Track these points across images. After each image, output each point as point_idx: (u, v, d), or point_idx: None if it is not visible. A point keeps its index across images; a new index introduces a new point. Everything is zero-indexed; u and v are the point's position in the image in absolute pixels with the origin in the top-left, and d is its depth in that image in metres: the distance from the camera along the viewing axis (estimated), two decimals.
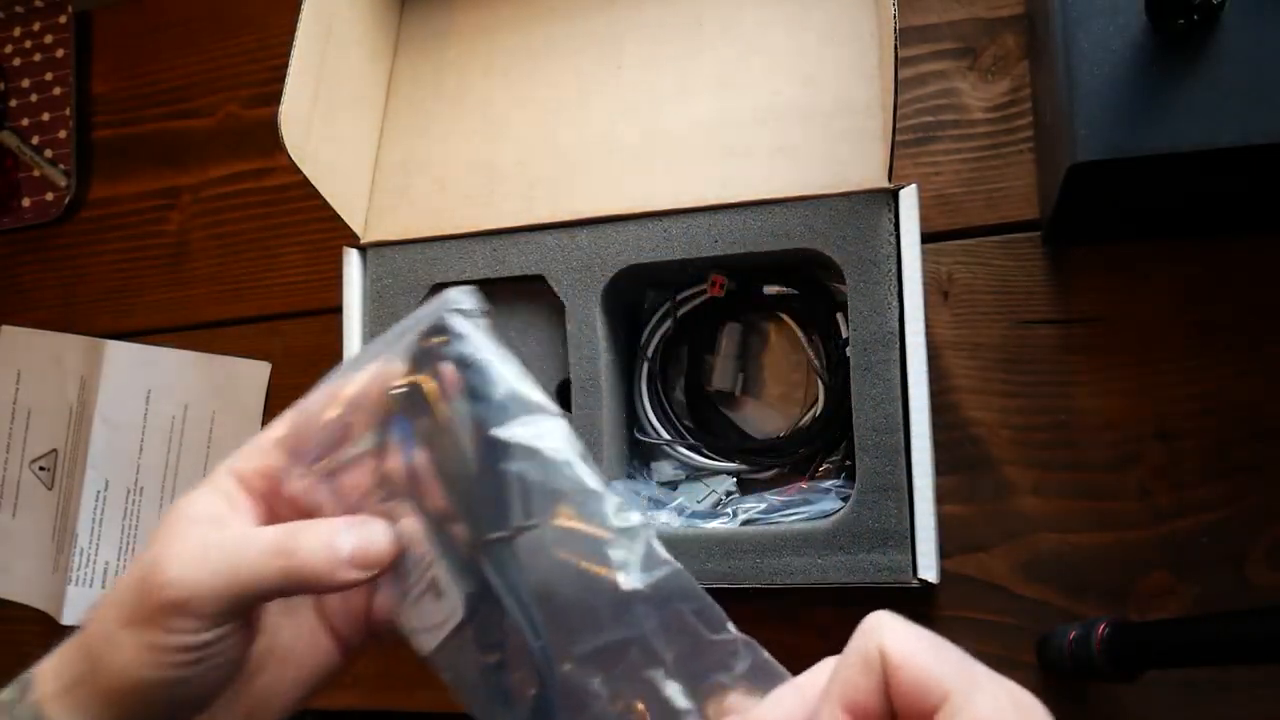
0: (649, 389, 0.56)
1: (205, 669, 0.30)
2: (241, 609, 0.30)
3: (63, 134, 0.77)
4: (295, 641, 0.35)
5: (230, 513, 0.32)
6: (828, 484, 0.51)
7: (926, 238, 0.53)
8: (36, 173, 0.77)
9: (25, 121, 0.78)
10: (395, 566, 0.32)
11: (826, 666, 0.25)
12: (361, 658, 0.37)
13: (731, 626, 0.29)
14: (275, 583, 0.30)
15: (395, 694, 0.62)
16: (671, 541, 0.50)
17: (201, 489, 0.32)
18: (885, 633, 0.24)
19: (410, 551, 0.32)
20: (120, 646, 0.30)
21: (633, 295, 0.57)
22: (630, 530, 0.29)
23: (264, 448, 0.33)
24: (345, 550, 0.31)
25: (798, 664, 0.53)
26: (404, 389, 0.31)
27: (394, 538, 0.32)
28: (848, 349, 0.48)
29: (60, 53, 0.78)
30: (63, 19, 0.79)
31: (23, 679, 0.32)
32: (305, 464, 0.33)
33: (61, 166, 0.76)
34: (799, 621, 0.55)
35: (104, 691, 0.30)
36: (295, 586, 0.30)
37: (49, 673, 0.31)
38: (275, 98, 0.49)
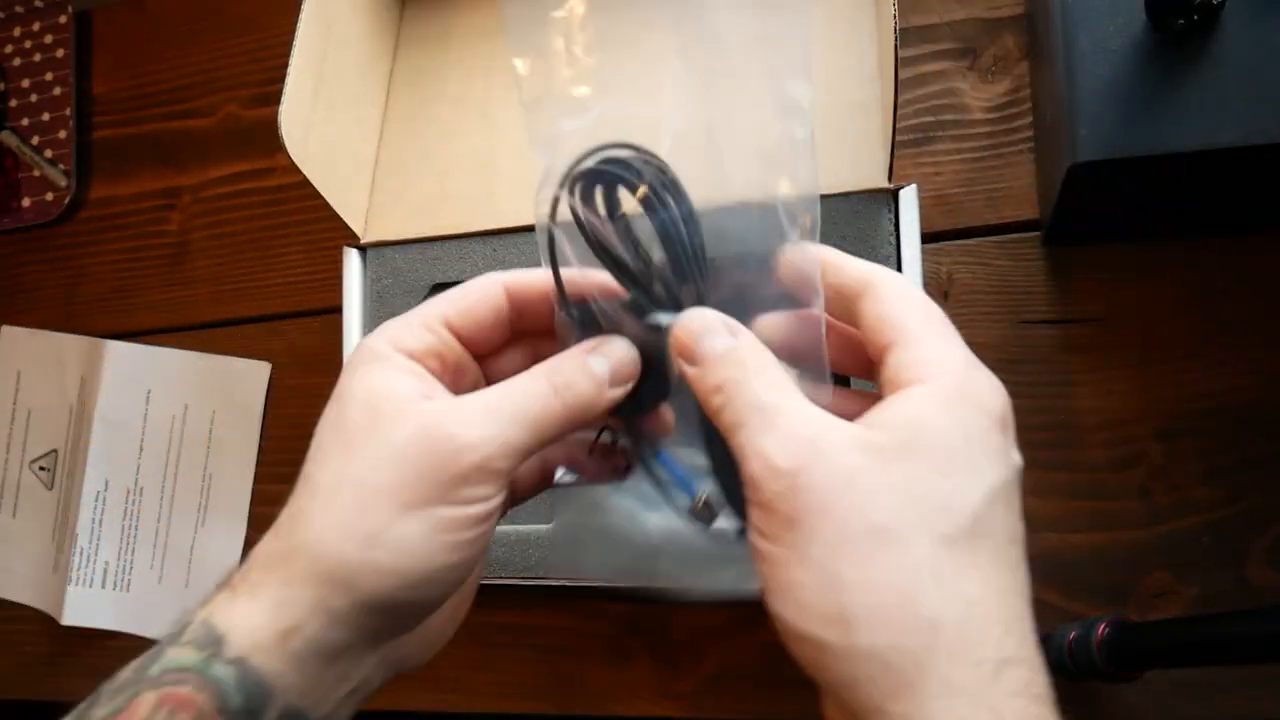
0: None
1: (483, 546, 0.28)
2: (524, 460, 0.28)
3: (63, 134, 0.77)
4: None
5: (431, 385, 0.29)
6: None
7: (926, 238, 0.53)
8: (36, 173, 0.77)
9: (25, 121, 0.78)
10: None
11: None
12: None
13: None
14: (559, 422, 0.28)
15: (395, 694, 0.62)
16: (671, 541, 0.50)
17: (383, 373, 0.29)
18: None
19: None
20: (397, 539, 0.26)
21: None
22: None
23: (431, 325, 0.30)
24: (602, 370, 0.29)
25: (798, 665, 0.53)
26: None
27: (633, 348, 0.30)
28: None
29: (60, 53, 0.78)
30: (63, 19, 0.79)
31: (202, 636, 0.27)
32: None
33: (61, 166, 0.76)
34: None
35: (357, 603, 0.27)
36: (575, 421, 0.29)
37: (245, 625, 0.27)
38: (275, 98, 0.49)
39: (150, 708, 0.26)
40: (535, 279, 0.32)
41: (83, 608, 0.68)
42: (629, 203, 0.31)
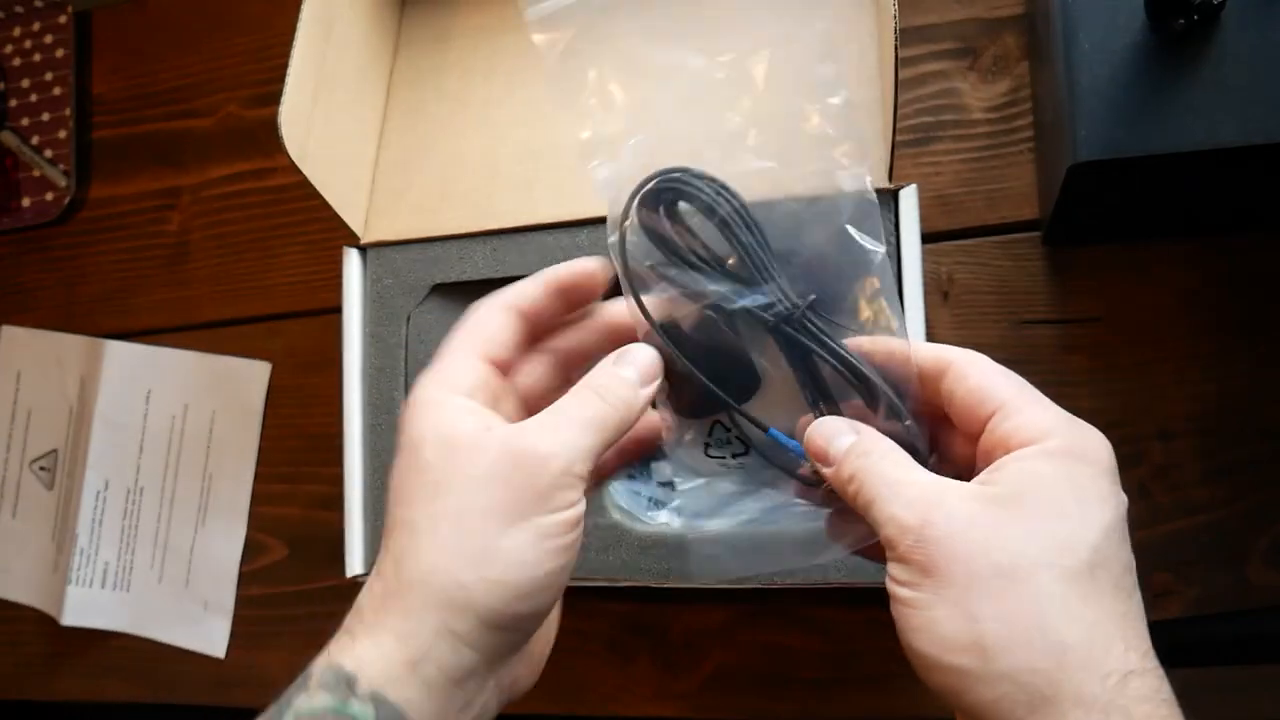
0: None
1: (576, 551, 0.31)
2: (595, 464, 0.31)
3: (63, 134, 0.77)
4: None
5: (489, 417, 0.32)
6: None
7: (926, 238, 0.53)
8: (36, 173, 0.77)
9: (25, 121, 0.78)
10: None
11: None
12: None
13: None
14: (615, 424, 0.31)
15: None
16: (672, 541, 0.50)
17: (451, 413, 0.31)
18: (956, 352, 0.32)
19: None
20: (507, 554, 0.29)
21: None
22: None
23: (471, 363, 0.33)
24: (632, 375, 0.32)
25: (798, 665, 0.54)
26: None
27: (655, 351, 0.33)
28: None
29: (60, 53, 0.78)
30: (63, 19, 0.79)
31: (332, 679, 0.29)
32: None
33: (61, 166, 0.76)
34: (799, 621, 0.55)
35: (477, 621, 0.29)
36: (626, 421, 0.32)
37: (372, 659, 0.29)
38: (275, 98, 0.49)
39: None
40: (532, 290, 0.34)
41: (83, 608, 0.68)
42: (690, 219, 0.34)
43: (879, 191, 0.48)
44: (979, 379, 0.31)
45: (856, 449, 0.31)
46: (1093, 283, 0.53)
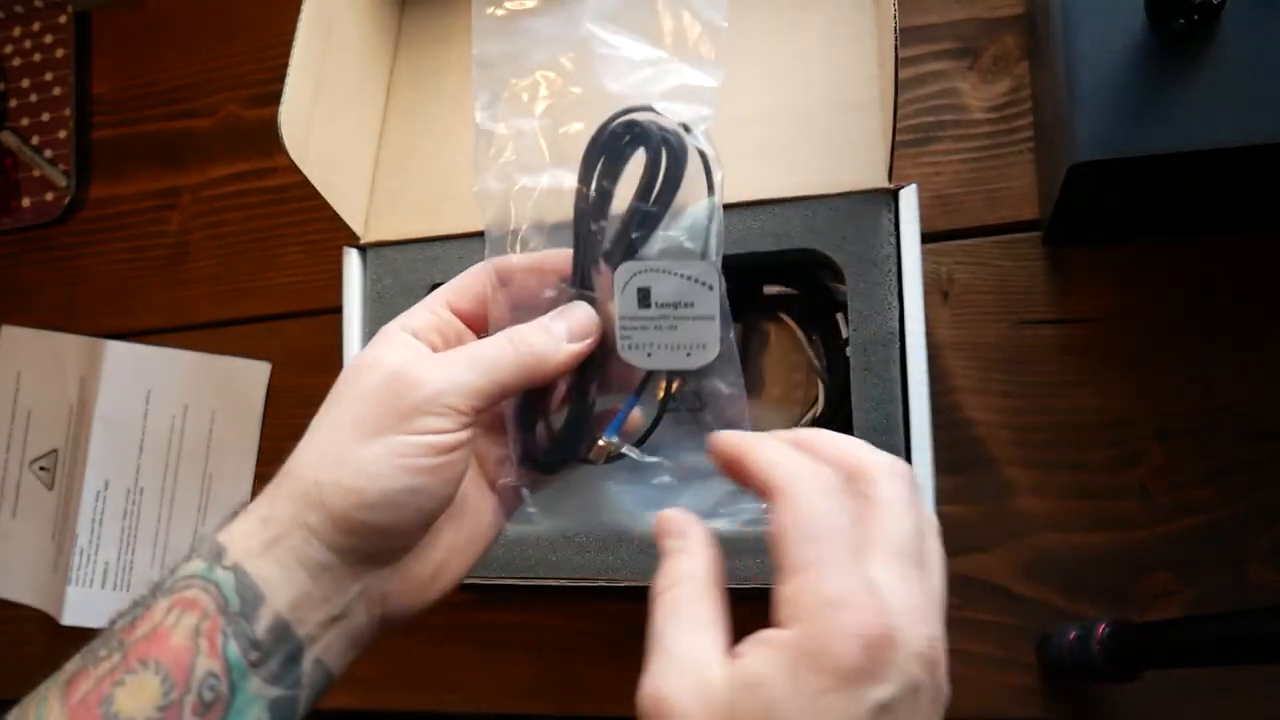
0: None
1: (443, 480, 0.32)
2: (487, 402, 0.32)
3: (63, 134, 0.77)
4: (469, 500, 0.36)
5: (419, 351, 0.34)
6: None
7: (926, 238, 0.53)
8: (36, 173, 0.77)
9: (25, 121, 0.78)
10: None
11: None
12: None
13: None
14: (513, 370, 0.33)
15: (395, 694, 0.62)
16: None
17: (384, 345, 0.33)
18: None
19: None
20: (359, 461, 0.31)
21: None
22: None
23: (432, 307, 0.35)
24: (560, 329, 0.34)
25: None
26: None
27: (592, 311, 0.34)
28: (848, 349, 0.48)
29: (60, 53, 0.78)
30: (63, 19, 0.79)
31: (207, 549, 0.32)
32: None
33: (61, 166, 0.76)
34: None
35: (327, 519, 0.31)
36: (531, 369, 0.33)
37: (239, 536, 0.32)
38: (275, 98, 0.49)
39: (164, 611, 0.31)
40: (518, 257, 0.36)
41: (83, 608, 0.68)
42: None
43: (879, 191, 0.48)
44: (780, 525, 0.28)
45: (669, 574, 0.31)
46: (1093, 283, 0.53)
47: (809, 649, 0.25)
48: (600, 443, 0.36)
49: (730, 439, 0.32)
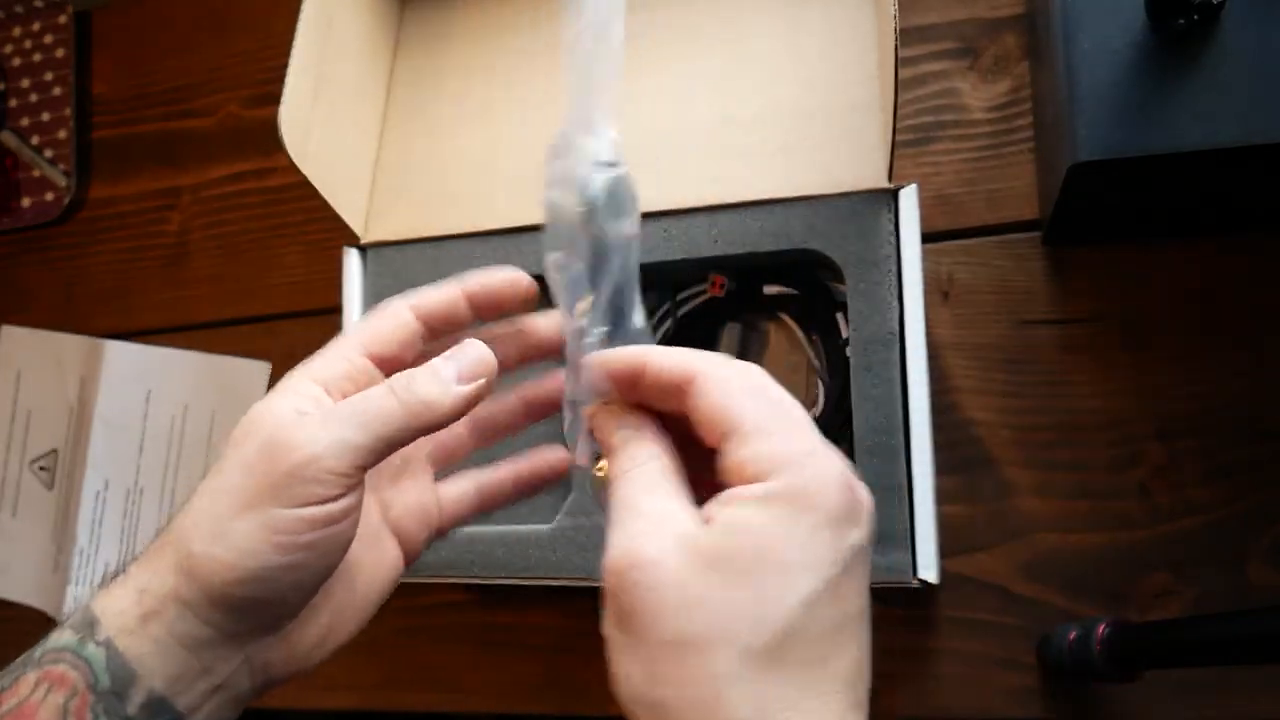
0: None
1: (322, 553, 0.30)
2: (374, 459, 0.30)
3: (63, 134, 0.77)
4: (363, 558, 0.34)
5: (318, 405, 0.32)
6: None
7: (926, 238, 0.53)
8: (36, 173, 0.77)
9: (25, 121, 0.78)
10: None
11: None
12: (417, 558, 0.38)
13: None
14: (400, 422, 0.30)
15: (395, 694, 0.62)
16: None
17: (281, 397, 0.31)
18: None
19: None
20: (233, 536, 0.29)
21: None
22: None
23: (346, 354, 0.33)
24: (449, 371, 0.31)
25: None
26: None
27: (485, 348, 0.32)
28: (848, 349, 0.48)
29: (60, 53, 0.78)
30: (63, 19, 0.79)
31: (80, 620, 0.30)
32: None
33: (61, 166, 0.76)
34: None
35: (203, 594, 0.29)
36: (418, 423, 0.30)
37: (114, 610, 0.30)
38: (275, 98, 0.49)
39: (31, 686, 0.29)
40: (436, 296, 0.35)
41: None
42: None
43: (879, 191, 0.48)
44: (718, 398, 0.28)
45: (632, 455, 0.30)
46: (1093, 283, 0.53)
47: (799, 494, 0.26)
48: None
49: (624, 353, 0.30)
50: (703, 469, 0.29)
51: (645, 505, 0.28)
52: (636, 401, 0.31)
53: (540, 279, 0.47)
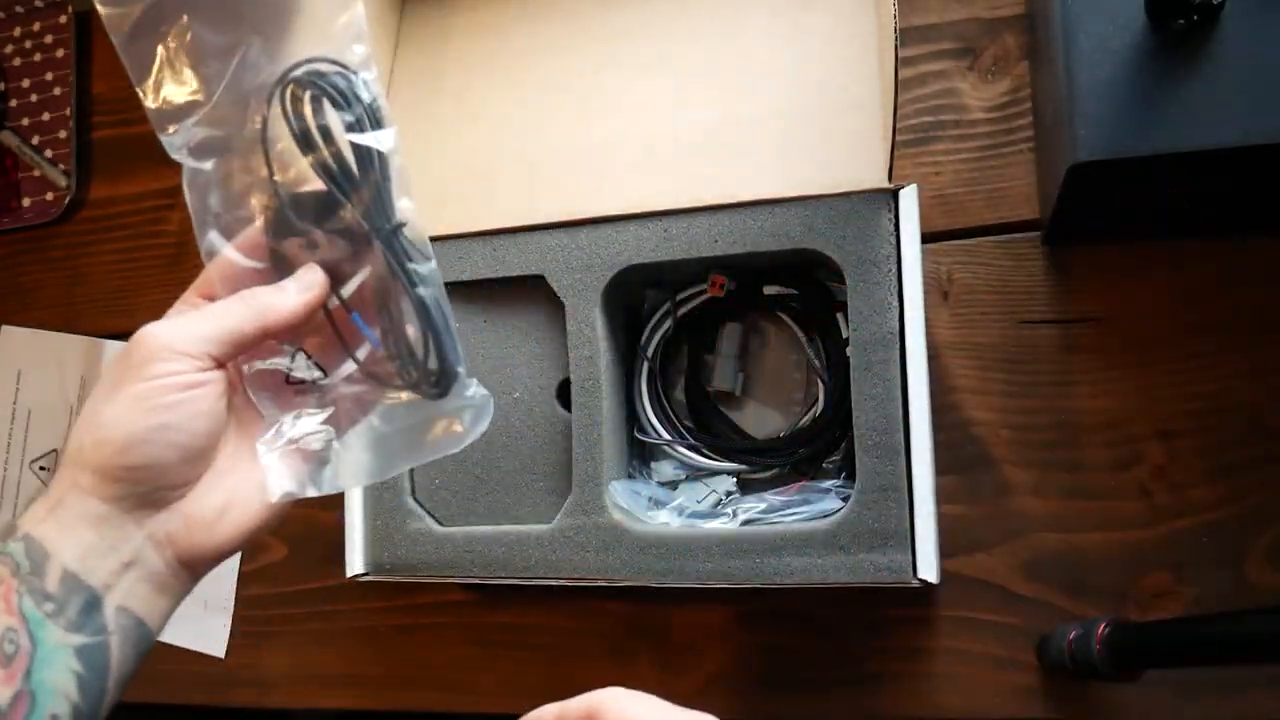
0: (649, 389, 0.56)
1: (187, 415, 0.35)
2: (222, 349, 0.36)
3: (63, 134, 0.77)
4: (242, 455, 0.38)
5: None
6: (828, 484, 0.51)
7: (926, 238, 0.53)
8: (36, 173, 0.77)
9: (25, 121, 0.78)
10: None
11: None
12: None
13: None
14: (243, 316, 0.36)
15: (395, 694, 0.62)
16: (672, 541, 0.50)
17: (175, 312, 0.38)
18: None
19: None
20: (105, 415, 0.35)
21: (633, 295, 0.57)
22: None
23: (191, 300, 0.39)
24: (290, 285, 0.38)
25: (798, 665, 0.53)
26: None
27: (320, 270, 0.38)
28: (848, 349, 0.48)
29: (60, 53, 0.78)
30: (63, 19, 0.79)
31: (3, 530, 0.36)
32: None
33: (61, 166, 0.76)
34: (799, 621, 0.55)
35: (93, 474, 0.34)
36: (264, 318, 0.36)
37: (29, 514, 0.35)
38: None
39: None
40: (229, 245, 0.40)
41: None
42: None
43: (879, 191, 0.48)
44: None
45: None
46: (1093, 283, 0.53)
47: None
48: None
49: None
50: None
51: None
52: None
53: (539, 279, 0.47)
